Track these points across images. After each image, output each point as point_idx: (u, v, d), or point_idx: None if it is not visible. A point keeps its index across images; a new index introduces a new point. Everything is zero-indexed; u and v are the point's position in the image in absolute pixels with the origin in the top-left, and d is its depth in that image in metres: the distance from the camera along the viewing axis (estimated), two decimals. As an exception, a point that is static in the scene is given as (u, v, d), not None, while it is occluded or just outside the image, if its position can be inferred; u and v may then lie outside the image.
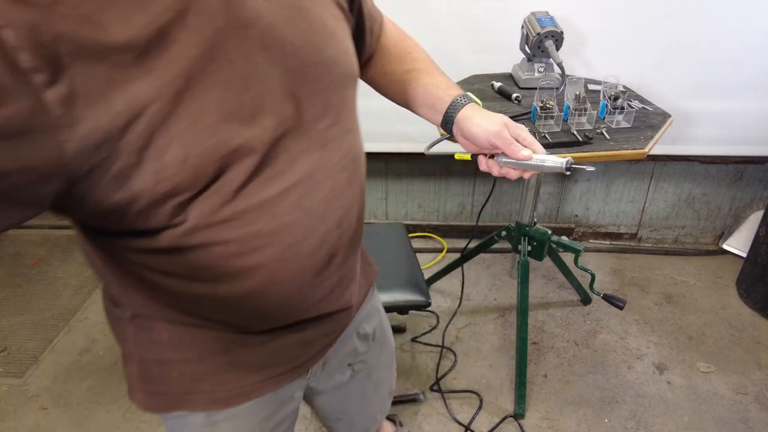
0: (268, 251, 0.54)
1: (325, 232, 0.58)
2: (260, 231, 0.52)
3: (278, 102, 0.51)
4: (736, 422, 1.54)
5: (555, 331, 1.87)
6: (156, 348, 0.65)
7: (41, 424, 1.61)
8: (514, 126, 0.72)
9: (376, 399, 0.96)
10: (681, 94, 1.82)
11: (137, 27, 0.40)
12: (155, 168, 0.44)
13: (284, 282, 0.57)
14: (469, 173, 2.21)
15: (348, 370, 0.85)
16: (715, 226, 2.28)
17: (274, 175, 0.51)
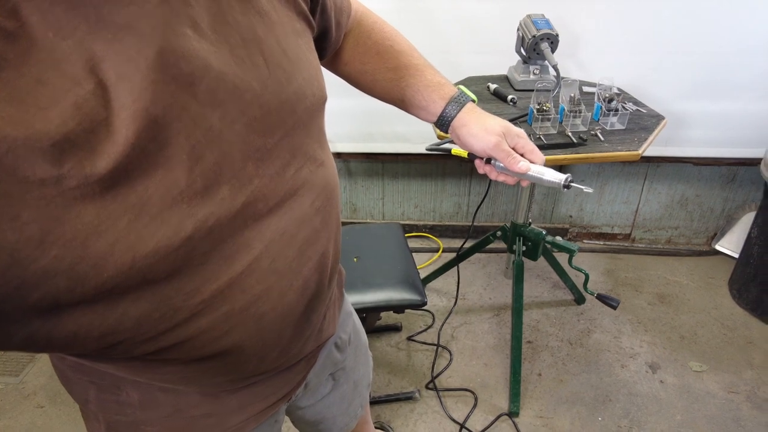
0: (241, 328, 0.48)
1: (302, 284, 0.53)
2: (231, 311, 0.46)
3: (237, 165, 0.43)
4: (727, 421, 1.55)
5: (549, 331, 1.89)
6: (125, 409, 0.59)
7: (38, 422, 1.61)
8: (513, 134, 0.70)
9: (356, 396, 0.95)
10: (675, 96, 1.84)
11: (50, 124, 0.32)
12: (97, 281, 0.36)
13: (263, 347, 0.53)
14: (465, 174, 2.22)
15: (329, 380, 0.84)
16: (707, 227, 2.31)
17: (239, 248, 0.45)
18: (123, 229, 0.36)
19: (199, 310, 0.44)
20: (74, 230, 0.34)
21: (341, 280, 0.78)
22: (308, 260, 0.53)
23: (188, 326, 0.45)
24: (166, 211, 0.39)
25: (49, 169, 0.32)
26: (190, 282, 0.43)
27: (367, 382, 0.99)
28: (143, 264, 0.38)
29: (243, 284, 0.46)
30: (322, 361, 0.75)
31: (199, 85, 0.39)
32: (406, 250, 1.56)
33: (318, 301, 0.58)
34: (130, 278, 0.38)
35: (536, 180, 0.71)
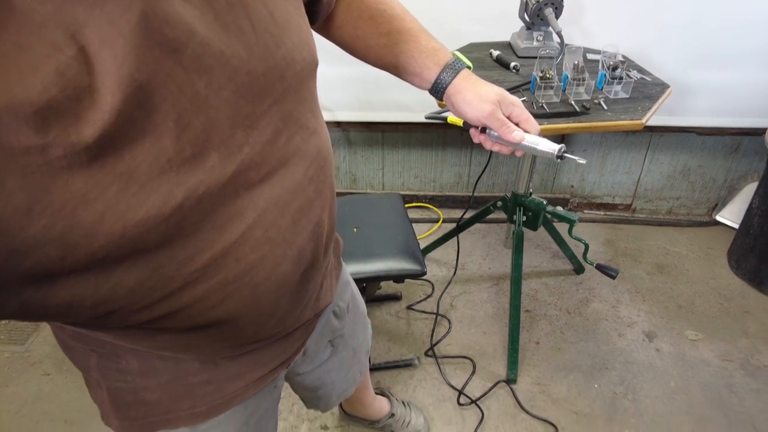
0: (237, 296, 0.48)
1: (297, 253, 0.52)
2: (225, 280, 0.46)
3: (226, 132, 0.42)
4: (720, 387, 1.59)
5: (548, 300, 1.91)
6: (125, 377, 0.60)
7: (45, 389, 1.64)
8: (508, 102, 0.69)
9: (355, 363, 0.96)
10: (680, 65, 1.80)
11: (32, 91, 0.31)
12: (88, 250, 0.36)
13: (260, 316, 0.53)
14: (466, 144, 2.20)
15: (328, 347, 0.85)
16: (709, 198, 2.30)
17: (232, 217, 0.45)
18: (112, 198, 0.36)
19: (193, 279, 0.44)
20: (62, 199, 0.34)
21: (338, 249, 0.78)
22: (302, 230, 0.52)
23: (182, 295, 0.45)
24: (155, 179, 0.38)
25: (33, 137, 0.32)
26: (183, 251, 0.42)
27: (365, 348, 1.01)
28: (134, 233, 0.38)
29: (237, 253, 0.46)
30: (320, 329, 0.76)
31: (183, 50, 0.38)
32: (406, 220, 1.56)
33: (314, 271, 0.58)
34: (121, 247, 0.38)
35: (530, 150, 0.70)
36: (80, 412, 1.57)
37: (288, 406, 1.56)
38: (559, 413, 1.52)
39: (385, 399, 1.44)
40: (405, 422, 1.43)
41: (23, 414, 1.56)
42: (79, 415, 1.56)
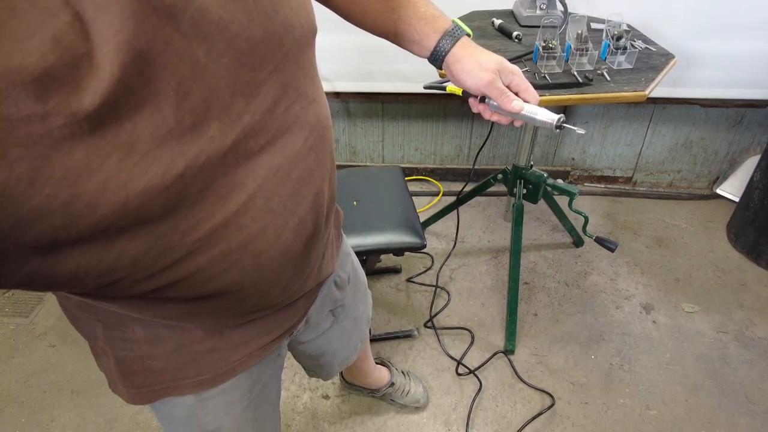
0: (239, 266, 0.49)
1: (298, 223, 0.52)
2: (227, 249, 0.47)
3: (226, 101, 0.42)
4: (714, 359, 1.61)
5: (546, 272, 1.92)
6: (131, 345, 0.61)
7: (51, 360, 1.67)
8: (507, 71, 0.68)
9: (356, 332, 0.98)
10: (686, 34, 1.76)
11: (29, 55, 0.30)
12: (92, 220, 0.36)
13: (263, 285, 0.54)
14: (467, 115, 2.18)
15: (329, 316, 0.86)
16: (710, 171, 2.29)
17: (233, 186, 0.45)
18: (114, 167, 0.36)
19: (196, 248, 0.45)
20: (65, 169, 0.34)
21: (339, 220, 0.78)
22: (303, 199, 0.52)
23: (185, 264, 0.45)
24: (157, 149, 0.38)
25: (33, 105, 0.31)
26: (185, 220, 0.43)
27: (366, 318, 1.02)
28: (136, 202, 0.38)
29: (239, 222, 0.46)
30: (321, 299, 0.77)
31: (181, 17, 0.37)
32: (406, 193, 1.55)
33: (315, 240, 0.58)
34: (124, 217, 0.38)
35: (529, 120, 0.69)
36: (86, 382, 1.60)
37: (290, 375, 1.59)
38: (556, 383, 1.55)
39: (385, 368, 1.47)
40: (404, 391, 1.46)
41: (30, 384, 1.60)
42: (86, 386, 1.59)
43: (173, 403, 0.68)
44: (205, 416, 0.70)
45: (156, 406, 0.69)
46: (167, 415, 0.72)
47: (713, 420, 1.45)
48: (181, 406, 0.69)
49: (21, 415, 1.51)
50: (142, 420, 1.49)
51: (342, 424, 1.46)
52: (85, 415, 1.51)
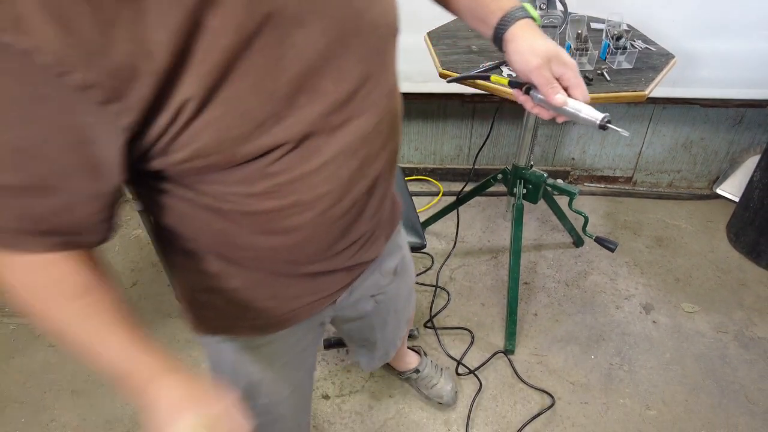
0: (306, 215, 0.58)
1: (356, 196, 0.61)
2: (299, 200, 0.56)
3: (317, 79, 0.50)
4: (714, 358, 1.61)
5: (546, 272, 1.92)
6: (204, 278, 0.67)
7: (51, 360, 1.67)
8: (560, 61, 0.65)
9: (396, 327, 1.04)
10: (686, 34, 1.76)
11: (170, 24, 0.40)
12: (192, 149, 0.46)
13: (317, 238, 0.62)
14: (467, 115, 2.18)
15: (371, 301, 0.90)
16: (710, 171, 2.29)
17: (313, 151, 0.53)
18: (218, 116, 0.45)
19: (275, 191, 0.54)
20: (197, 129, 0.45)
21: (396, 211, 0.82)
22: (364, 177, 0.60)
23: (264, 201, 0.55)
24: (257, 110, 0.47)
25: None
26: (273, 166, 0.52)
27: (407, 318, 1.08)
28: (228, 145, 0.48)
29: (311, 181, 0.55)
30: (364, 278, 0.82)
31: (288, 7, 0.45)
32: (405, 193, 1.55)
33: (366, 216, 0.66)
34: (231, 160, 0.49)
35: (572, 116, 0.66)
36: (86, 382, 1.60)
37: (289, 376, 1.59)
38: (556, 383, 1.55)
39: (416, 355, 1.50)
40: (431, 383, 1.48)
41: (30, 385, 1.60)
42: (86, 386, 1.59)
43: (224, 346, 0.75)
44: (251, 365, 0.77)
45: (210, 348, 0.78)
46: (216, 360, 0.79)
47: (713, 420, 1.45)
48: (230, 352, 0.76)
49: (21, 415, 1.51)
50: (143, 420, 1.49)
51: (342, 424, 1.46)
52: (85, 416, 1.51)
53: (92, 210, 0.49)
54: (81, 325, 0.54)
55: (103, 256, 0.58)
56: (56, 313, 0.53)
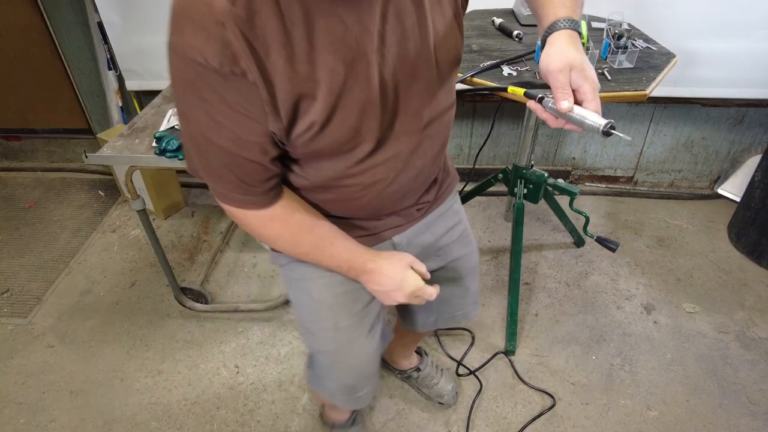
0: (370, 191, 0.80)
1: (405, 182, 0.83)
2: (363, 182, 0.78)
3: (393, 100, 0.71)
4: (716, 359, 1.60)
5: (547, 273, 1.91)
6: None
7: (50, 360, 1.67)
8: (582, 74, 0.68)
9: (461, 296, 1.12)
10: (687, 33, 1.76)
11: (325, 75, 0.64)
12: (308, 148, 0.70)
13: (377, 204, 0.86)
14: (467, 115, 2.17)
15: (434, 258, 1.03)
16: (711, 171, 2.28)
17: (382, 150, 0.75)
18: (333, 130, 0.68)
19: (354, 174, 0.76)
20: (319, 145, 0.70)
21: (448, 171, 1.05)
22: (412, 169, 0.82)
23: (347, 179, 0.77)
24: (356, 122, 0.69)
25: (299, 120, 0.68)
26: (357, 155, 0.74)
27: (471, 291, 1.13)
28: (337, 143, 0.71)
29: (375, 170, 0.77)
30: (418, 232, 0.99)
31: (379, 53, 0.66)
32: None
33: (411, 195, 0.89)
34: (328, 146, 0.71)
35: (578, 123, 0.68)
36: (85, 383, 1.59)
37: (289, 377, 1.58)
38: (557, 384, 1.54)
39: (417, 356, 1.50)
40: (431, 383, 1.48)
41: (29, 385, 1.59)
42: (84, 386, 1.58)
43: (294, 267, 0.93)
44: (312, 284, 0.93)
45: (285, 269, 0.96)
46: (288, 278, 0.97)
47: (714, 421, 1.44)
48: (298, 271, 0.93)
49: (20, 416, 1.51)
50: (141, 421, 1.48)
51: (342, 425, 1.46)
52: (84, 416, 1.50)
53: (275, 167, 0.73)
54: (320, 244, 0.82)
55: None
56: (304, 242, 0.82)
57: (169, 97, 1.62)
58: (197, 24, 0.57)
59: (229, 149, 0.66)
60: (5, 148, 2.61)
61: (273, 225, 0.78)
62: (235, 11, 0.56)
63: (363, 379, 1.03)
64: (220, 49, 0.57)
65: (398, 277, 0.85)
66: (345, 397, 1.05)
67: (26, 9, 2.11)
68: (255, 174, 0.71)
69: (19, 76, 2.32)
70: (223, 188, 0.72)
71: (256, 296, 1.87)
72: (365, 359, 1.01)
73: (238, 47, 0.57)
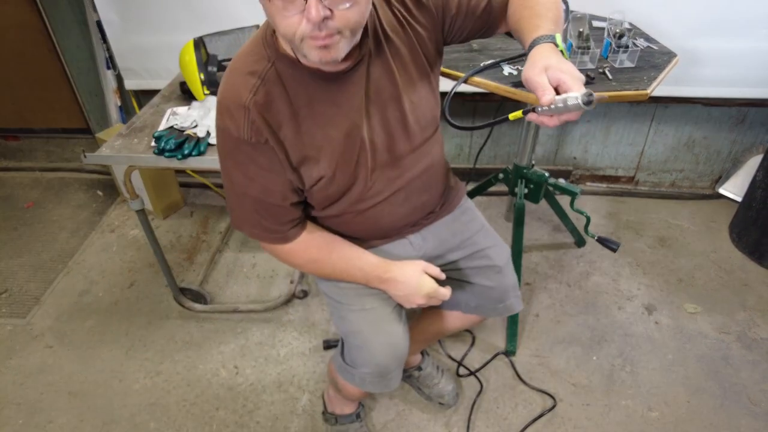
0: (367, 224, 1.04)
1: (404, 215, 1.06)
2: (365, 216, 1.02)
3: (380, 156, 0.95)
4: (717, 359, 1.60)
5: (548, 273, 1.91)
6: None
7: (48, 361, 1.66)
8: (557, 69, 0.73)
9: (504, 290, 1.17)
10: (688, 33, 1.75)
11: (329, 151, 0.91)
12: (321, 194, 0.95)
13: (379, 236, 1.09)
14: (467, 115, 2.16)
15: (456, 251, 1.16)
16: (713, 170, 2.27)
17: (373, 194, 0.98)
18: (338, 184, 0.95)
19: (349, 212, 1.00)
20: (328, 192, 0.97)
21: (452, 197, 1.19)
22: (406, 204, 1.04)
23: (344, 218, 1.02)
24: (349, 175, 0.94)
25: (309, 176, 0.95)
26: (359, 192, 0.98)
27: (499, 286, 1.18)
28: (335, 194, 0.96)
29: (369, 210, 1.01)
30: (436, 233, 1.15)
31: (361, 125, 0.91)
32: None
33: (410, 227, 1.12)
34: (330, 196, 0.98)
35: (565, 108, 0.71)
36: (84, 383, 1.58)
37: (288, 377, 1.58)
38: (558, 385, 1.54)
39: (419, 355, 1.50)
40: (432, 383, 1.48)
41: (27, 386, 1.58)
42: (83, 387, 1.58)
43: None
44: None
45: None
46: None
47: (715, 421, 1.44)
48: None
49: (18, 416, 1.50)
50: (140, 421, 1.48)
51: (341, 426, 1.45)
52: (83, 417, 1.49)
53: (295, 211, 0.96)
54: (338, 266, 1.02)
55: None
56: (326, 263, 1.02)
57: (167, 96, 1.61)
58: (231, 110, 0.84)
59: (259, 197, 0.91)
60: (3, 147, 2.60)
61: (296, 255, 1.00)
62: (256, 99, 0.83)
63: (394, 359, 1.08)
64: (247, 126, 0.83)
65: (413, 282, 0.99)
66: (377, 380, 1.09)
67: (24, 8, 2.10)
68: (279, 216, 0.94)
69: (18, 75, 2.31)
70: (257, 230, 0.96)
71: (256, 297, 1.87)
72: (395, 338, 1.07)
73: (259, 124, 0.83)
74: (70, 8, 2.06)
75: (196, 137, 1.37)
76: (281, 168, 0.88)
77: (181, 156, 1.32)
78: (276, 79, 0.84)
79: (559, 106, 0.71)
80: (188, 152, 1.32)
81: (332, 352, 1.64)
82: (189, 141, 1.35)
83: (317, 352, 1.65)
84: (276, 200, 0.91)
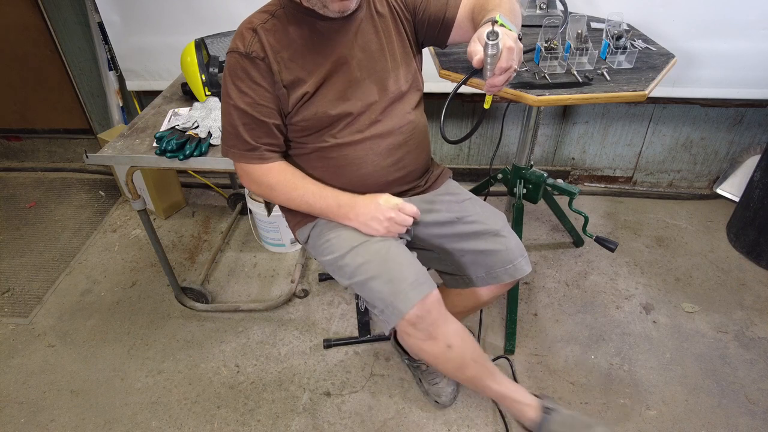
0: (350, 168, 1.15)
1: (384, 167, 1.17)
2: (346, 156, 1.13)
3: (365, 93, 1.11)
4: (714, 358, 1.61)
5: (546, 272, 1.92)
6: None
7: (50, 360, 1.67)
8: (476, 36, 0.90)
9: (507, 251, 1.20)
10: (686, 34, 1.76)
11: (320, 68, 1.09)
12: (302, 114, 1.09)
13: (361, 185, 1.17)
14: (467, 115, 2.18)
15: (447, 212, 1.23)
16: (710, 171, 2.29)
17: (356, 130, 1.12)
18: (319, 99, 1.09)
19: (335, 147, 1.13)
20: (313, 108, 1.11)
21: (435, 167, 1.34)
22: (390, 156, 1.16)
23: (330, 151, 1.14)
24: (335, 100, 1.09)
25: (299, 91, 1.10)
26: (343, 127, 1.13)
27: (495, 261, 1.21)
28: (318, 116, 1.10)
29: (354, 147, 1.14)
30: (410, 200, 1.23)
31: (354, 61, 1.10)
32: (405, 193, 1.55)
33: (394, 186, 1.22)
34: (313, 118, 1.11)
35: (492, 58, 0.86)
36: (86, 382, 1.60)
37: (289, 376, 1.59)
38: (556, 384, 1.55)
39: None
40: (434, 380, 1.49)
41: (30, 385, 1.60)
42: (85, 385, 1.59)
43: (316, 237, 1.21)
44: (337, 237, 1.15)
45: (299, 231, 1.26)
46: (314, 247, 1.22)
47: (713, 420, 1.45)
48: (322, 237, 1.19)
49: (20, 415, 1.51)
50: (142, 420, 1.49)
51: (342, 424, 1.46)
52: (85, 416, 1.51)
53: (276, 134, 1.10)
54: (312, 188, 1.13)
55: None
56: (299, 189, 1.12)
57: (169, 97, 1.63)
58: (243, 32, 1.06)
59: (246, 110, 1.05)
60: (6, 148, 2.62)
61: (272, 174, 1.11)
62: (266, 26, 1.05)
63: (415, 270, 1.08)
64: (252, 41, 1.04)
65: (375, 201, 1.11)
66: (414, 290, 1.05)
67: (27, 9, 2.11)
68: (261, 133, 1.07)
69: (20, 76, 2.32)
70: (238, 145, 1.08)
71: (257, 296, 1.88)
72: (407, 257, 1.11)
73: (264, 42, 1.04)
74: (72, 9, 2.08)
75: (198, 138, 1.38)
76: (272, 85, 1.05)
77: (182, 156, 1.33)
78: (283, 17, 1.07)
79: (477, 47, 0.86)
80: (190, 153, 1.33)
81: (332, 351, 1.65)
82: (190, 141, 1.36)
83: (318, 350, 1.66)
84: (261, 114, 1.06)
